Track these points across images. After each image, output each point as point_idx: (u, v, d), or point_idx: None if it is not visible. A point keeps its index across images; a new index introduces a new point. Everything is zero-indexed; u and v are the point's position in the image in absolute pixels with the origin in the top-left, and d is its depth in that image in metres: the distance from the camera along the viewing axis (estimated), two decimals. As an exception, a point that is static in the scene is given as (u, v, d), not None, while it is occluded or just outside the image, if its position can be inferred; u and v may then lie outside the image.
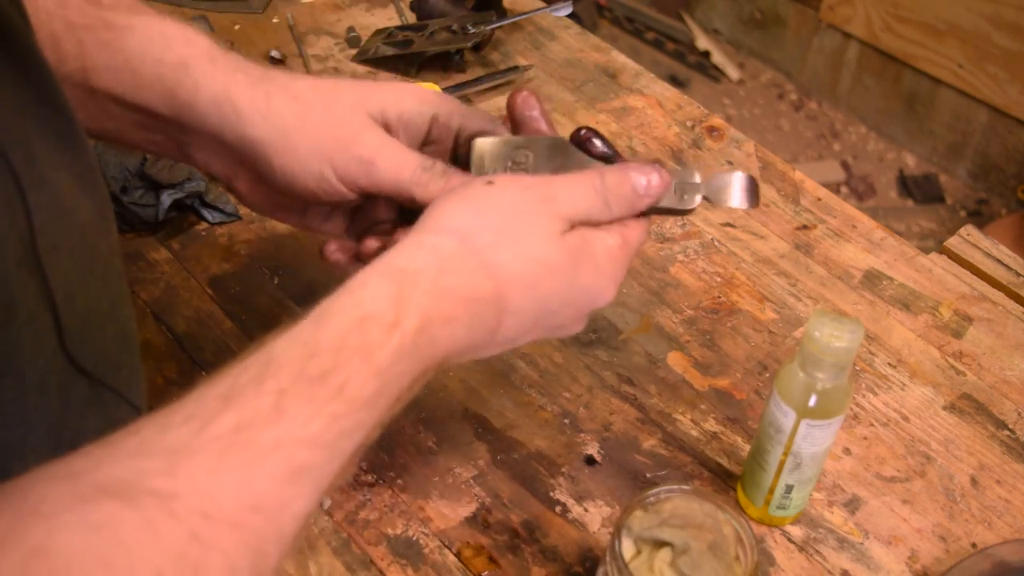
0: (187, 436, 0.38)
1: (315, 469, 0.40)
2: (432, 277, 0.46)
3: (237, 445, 0.38)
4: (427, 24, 1.03)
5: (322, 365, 0.41)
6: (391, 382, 0.43)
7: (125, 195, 0.81)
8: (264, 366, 0.41)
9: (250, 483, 0.37)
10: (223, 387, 0.40)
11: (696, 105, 1.01)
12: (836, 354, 0.56)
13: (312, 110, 0.54)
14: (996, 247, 0.87)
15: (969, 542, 0.67)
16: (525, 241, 0.49)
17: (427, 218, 0.49)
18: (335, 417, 0.41)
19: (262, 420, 0.39)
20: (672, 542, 0.54)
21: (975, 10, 2.15)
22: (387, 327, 0.43)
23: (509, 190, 0.50)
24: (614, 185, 0.52)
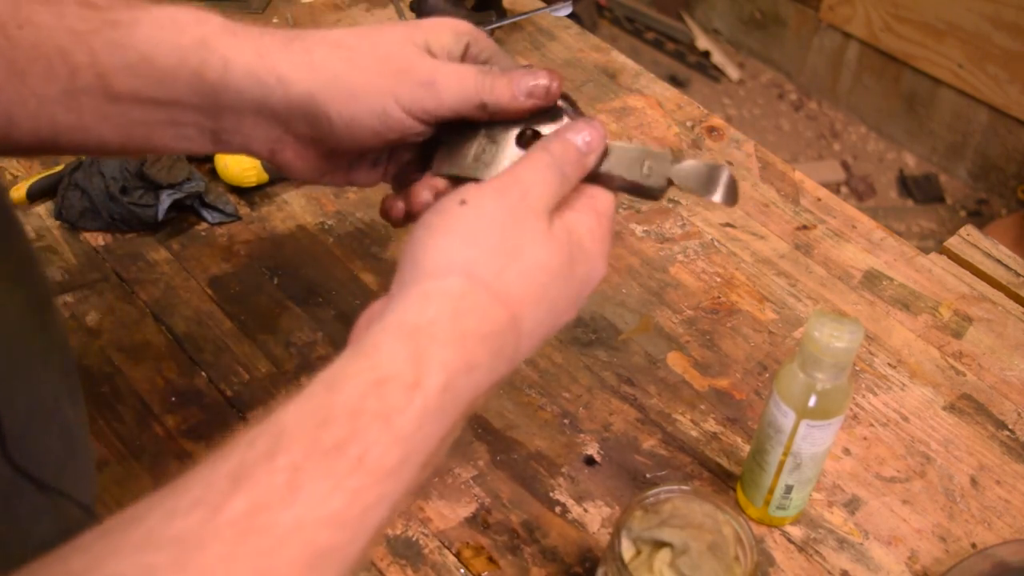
0: (196, 524, 0.35)
1: (338, 550, 0.37)
2: (448, 327, 0.43)
3: (252, 531, 0.35)
4: (427, 24, 1.03)
5: (337, 434, 0.38)
6: (417, 448, 0.40)
7: (125, 195, 0.81)
8: (275, 439, 0.38)
9: (269, 573, 0.35)
10: (231, 465, 0.37)
11: (696, 105, 1.01)
12: (836, 354, 0.56)
13: (358, 52, 0.53)
14: (996, 247, 0.87)
15: (969, 542, 0.67)
16: (524, 254, 0.47)
17: (416, 262, 0.46)
18: (357, 492, 0.37)
19: (277, 501, 0.36)
20: (672, 542, 0.54)
21: (975, 10, 2.15)
22: (407, 388, 0.40)
23: (487, 205, 0.48)
24: (560, 153, 0.51)
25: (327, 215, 0.86)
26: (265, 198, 0.87)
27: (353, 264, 0.82)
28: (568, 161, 0.51)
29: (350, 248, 0.83)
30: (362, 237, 0.84)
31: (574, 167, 0.52)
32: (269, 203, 0.87)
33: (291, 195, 0.88)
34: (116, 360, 0.74)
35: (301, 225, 0.85)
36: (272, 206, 0.87)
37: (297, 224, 0.85)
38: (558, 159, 0.51)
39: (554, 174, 0.50)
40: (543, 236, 0.48)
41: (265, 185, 0.88)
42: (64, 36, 0.50)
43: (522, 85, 0.54)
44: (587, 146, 0.52)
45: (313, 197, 0.88)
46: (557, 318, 0.49)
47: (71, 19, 0.50)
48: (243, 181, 0.86)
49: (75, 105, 0.50)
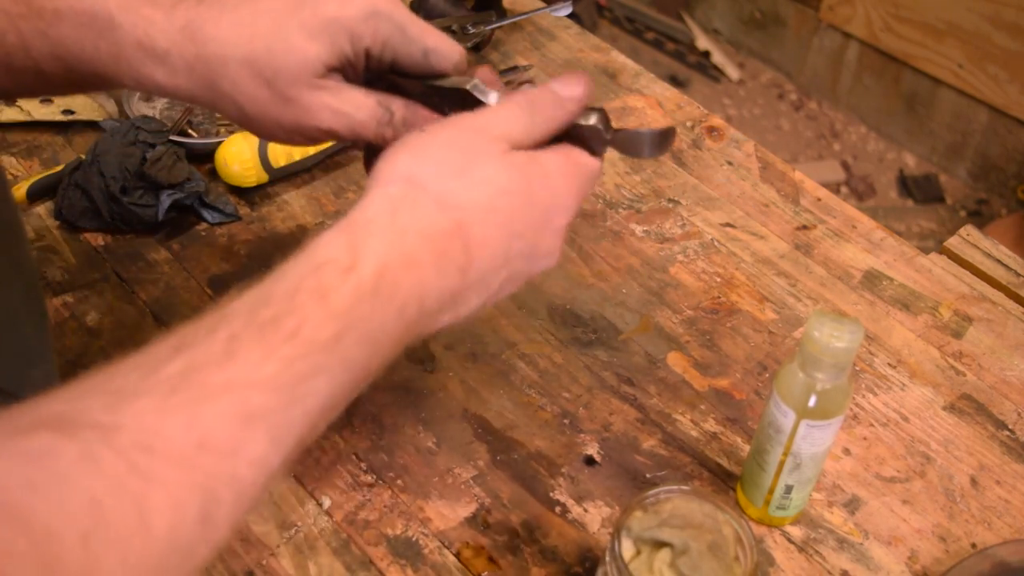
0: (134, 380, 0.37)
1: (272, 414, 0.38)
2: (385, 222, 0.45)
3: (184, 386, 0.37)
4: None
5: (275, 311, 0.40)
6: (353, 325, 0.42)
7: (125, 195, 0.81)
8: (218, 317, 0.40)
9: (197, 422, 0.36)
10: (175, 339, 0.39)
11: (696, 105, 1.01)
12: (836, 354, 0.56)
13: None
14: (996, 247, 0.87)
15: (969, 542, 0.67)
16: (471, 168, 0.48)
17: (372, 175, 0.49)
18: (290, 360, 0.39)
19: (212, 363, 0.38)
20: (672, 542, 0.54)
21: (975, 10, 2.15)
22: (343, 271, 0.42)
23: (444, 129, 0.49)
24: (536, 96, 0.52)
25: (327, 215, 0.86)
26: (265, 198, 0.87)
27: (353, 264, 0.82)
28: (543, 103, 0.52)
29: (350, 248, 0.83)
30: (362, 237, 0.84)
31: (550, 109, 0.52)
32: (269, 203, 0.87)
33: (291, 195, 0.88)
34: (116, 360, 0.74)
35: (301, 225, 0.85)
36: (272, 206, 0.87)
37: (297, 224, 0.85)
38: (532, 99, 0.51)
39: (523, 111, 0.51)
40: (497, 156, 0.49)
41: (265, 185, 0.88)
42: None
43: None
44: (568, 92, 0.52)
45: (313, 197, 0.88)
46: (515, 241, 0.49)
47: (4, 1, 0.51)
48: (243, 181, 0.86)
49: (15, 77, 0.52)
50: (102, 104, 0.94)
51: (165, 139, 0.84)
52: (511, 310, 0.79)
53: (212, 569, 0.61)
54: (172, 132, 0.86)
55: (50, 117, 0.91)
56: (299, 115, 0.54)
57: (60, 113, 0.91)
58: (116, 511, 0.33)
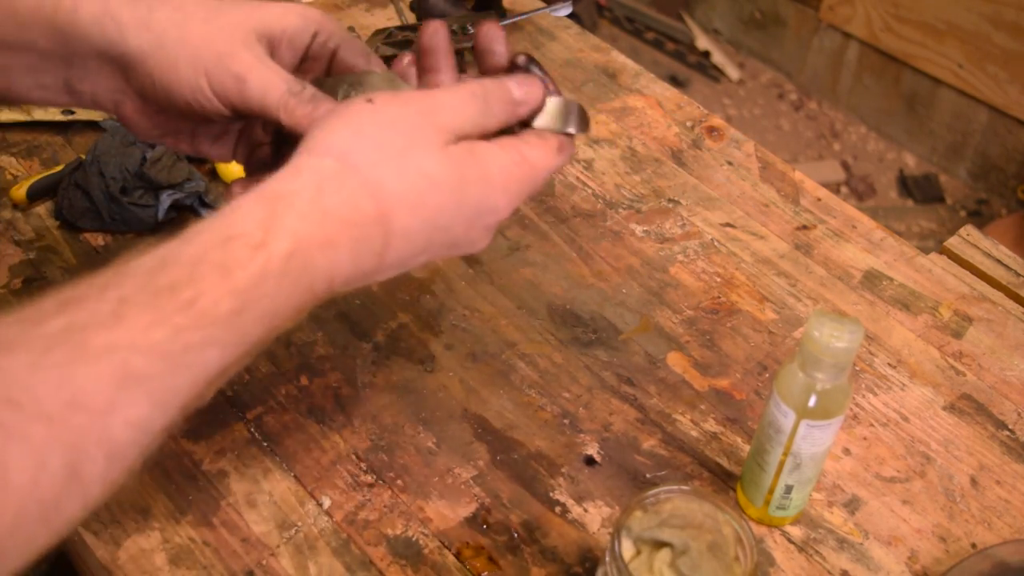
0: (12, 334, 0.36)
1: (154, 379, 0.38)
2: (308, 199, 0.44)
3: (63, 344, 0.36)
4: (427, 24, 1.03)
5: (173, 276, 0.40)
6: (255, 303, 0.41)
7: (125, 195, 0.81)
8: (113, 275, 0.39)
9: (70, 380, 0.36)
10: (65, 294, 0.39)
11: (696, 105, 1.01)
12: (836, 354, 0.56)
13: (193, 21, 0.53)
14: (996, 247, 0.87)
15: (969, 542, 0.67)
16: (408, 156, 0.47)
17: (307, 140, 0.48)
18: (180, 329, 0.39)
19: (97, 324, 0.37)
20: (672, 542, 0.54)
21: (975, 10, 2.15)
22: (252, 247, 0.42)
23: (390, 106, 0.48)
24: (493, 89, 0.51)
25: (327, 215, 0.86)
26: (265, 198, 0.87)
27: (353, 264, 0.82)
28: (496, 98, 0.51)
29: (350, 248, 0.83)
30: (362, 237, 0.84)
31: (501, 106, 0.51)
32: (269, 203, 0.87)
33: (291, 195, 0.88)
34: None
35: (301, 225, 0.85)
36: (272, 206, 0.87)
37: (297, 224, 0.85)
38: (486, 91, 0.51)
39: (475, 103, 0.50)
40: (435, 148, 0.48)
41: (265, 185, 0.88)
42: None
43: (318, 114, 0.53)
44: (522, 94, 0.52)
45: (313, 197, 0.87)
46: (438, 233, 0.49)
47: None
48: (243, 181, 0.86)
49: None
50: (102, 104, 0.94)
51: (165, 139, 0.84)
52: (511, 310, 0.79)
53: (212, 569, 0.61)
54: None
55: (50, 117, 0.91)
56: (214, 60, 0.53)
57: (60, 113, 0.91)
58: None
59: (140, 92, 0.55)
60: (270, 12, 0.56)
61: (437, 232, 0.49)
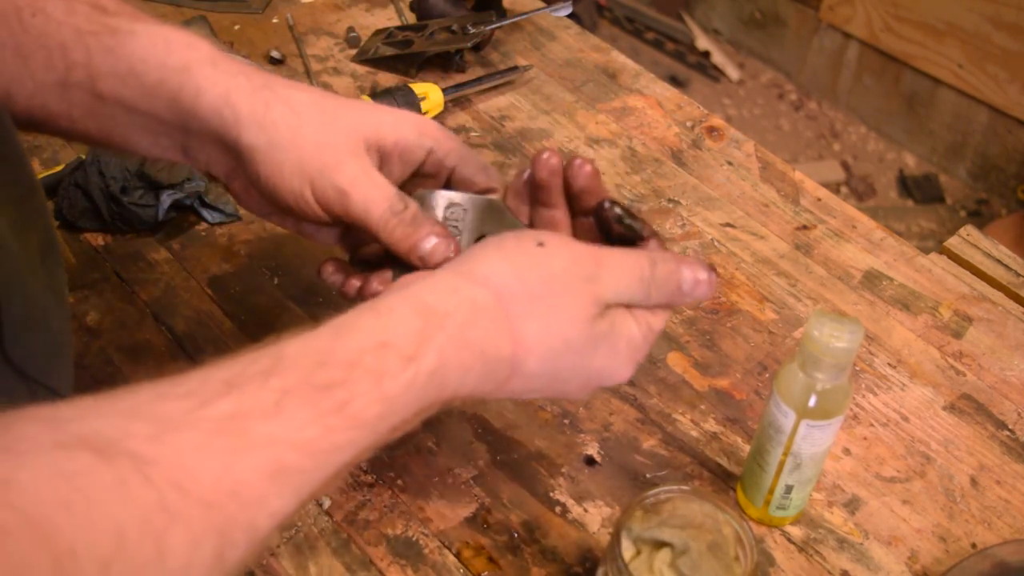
0: (181, 410, 0.37)
1: (300, 474, 0.40)
2: (459, 325, 0.46)
3: (229, 430, 0.38)
4: (427, 24, 1.03)
5: (331, 377, 0.41)
6: (395, 411, 0.44)
7: (125, 195, 0.81)
8: (274, 362, 0.41)
9: (232, 469, 0.37)
10: (229, 373, 0.40)
11: (696, 105, 1.01)
12: (836, 354, 0.56)
13: (306, 125, 0.54)
14: (996, 247, 0.87)
15: (969, 542, 0.67)
16: (556, 318, 0.49)
17: (469, 261, 0.50)
18: (332, 429, 0.41)
19: (259, 413, 0.39)
20: (672, 542, 0.54)
21: (975, 10, 2.15)
22: (404, 359, 0.44)
23: (558, 258, 0.50)
24: (662, 278, 0.52)
25: (327, 215, 0.86)
26: (265, 198, 0.87)
27: (353, 264, 0.82)
28: (663, 290, 0.53)
29: (350, 248, 0.83)
30: (362, 237, 0.84)
31: (662, 296, 0.53)
32: (269, 203, 0.87)
33: (291, 195, 0.88)
34: (116, 360, 0.74)
35: (301, 225, 0.85)
36: (272, 206, 0.87)
37: (297, 224, 0.85)
38: (654, 279, 0.52)
39: (639, 289, 0.52)
40: (583, 318, 0.50)
41: (265, 185, 0.88)
42: (68, 32, 0.52)
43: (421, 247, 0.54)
44: (691, 289, 0.53)
45: (313, 197, 0.87)
46: (555, 386, 0.52)
47: (79, 18, 0.53)
48: (243, 181, 0.86)
49: (66, 96, 0.54)
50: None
51: (165, 139, 0.84)
52: (511, 310, 0.79)
53: (212, 569, 0.61)
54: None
55: (50, 117, 0.91)
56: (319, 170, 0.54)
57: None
58: (137, 543, 0.34)
59: (249, 180, 0.57)
60: (384, 121, 0.56)
61: (555, 383, 0.51)
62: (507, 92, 1.00)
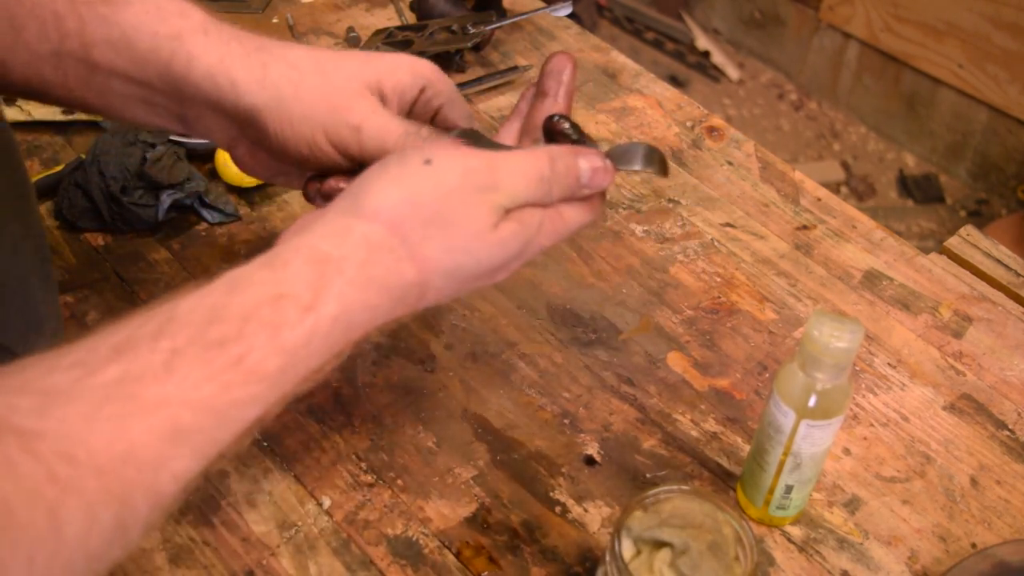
0: (69, 381, 0.37)
1: (200, 433, 0.39)
2: (356, 266, 0.46)
3: (118, 396, 0.37)
4: (427, 24, 1.03)
5: (224, 332, 0.41)
6: (298, 362, 0.43)
7: (125, 195, 0.81)
8: (164, 323, 0.40)
9: (124, 434, 0.37)
10: (117, 338, 0.39)
11: (696, 105, 1.01)
12: (836, 354, 0.56)
13: (307, 77, 0.55)
14: (996, 247, 0.87)
15: (969, 542, 0.67)
16: (457, 234, 0.48)
17: (359, 195, 0.49)
18: (228, 385, 0.40)
19: (150, 376, 0.38)
20: (672, 542, 0.54)
21: (975, 10, 2.15)
22: (302, 309, 0.43)
23: (449, 173, 0.49)
24: (562, 173, 0.52)
25: (327, 215, 0.86)
26: (265, 198, 0.87)
27: (353, 264, 0.82)
28: (562, 185, 0.52)
29: (350, 248, 0.83)
30: (362, 237, 0.84)
31: (562, 191, 0.52)
32: (269, 203, 0.87)
33: (291, 195, 0.88)
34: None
35: (301, 225, 0.85)
36: (272, 206, 0.87)
37: (297, 224, 0.85)
38: (554, 174, 0.52)
39: (539, 188, 0.51)
40: (484, 228, 0.49)
41: (265, 185, 0.88)
42: (62, 2, 0.53)
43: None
44: (589, 179, 0.53)
45: (313, 197, 0.88)
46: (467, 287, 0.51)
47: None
48: (243, 181, 0.86)
49: (61, 66, 0.54)
50: (102, 104, 0.94)
51: (165, 139, 0.84)
52: (511, 310, 0.79)
53: (212, 569, 0.61)
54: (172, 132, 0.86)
55: (50, 117, 0.91)
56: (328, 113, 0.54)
57: (60, 113, 0.91)
58: (27, 515, 0.33)
59: (254, 142, 0.57)
60: (381, 65, 0.57)
61: (467, 287, 0.51)
62: (507, 92, 1.00)
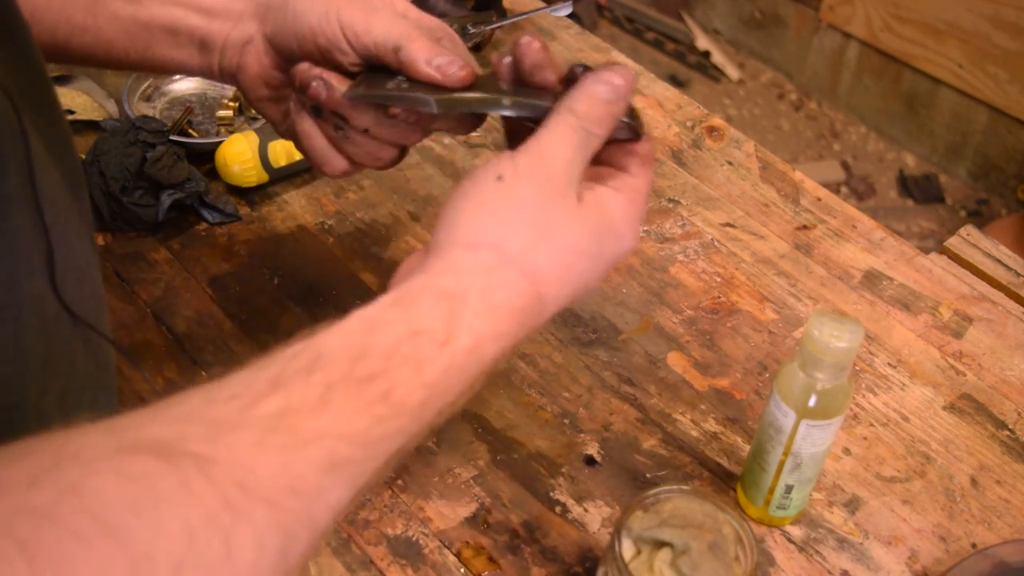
0: (232, 412, 0.38)
1: (353, 465, 0.40)
2: (480, 296, 0.47)
3: (280, 428, 0.38)
4: (427, 24, 1.03)
5: (371, 368, 0.42)
6: (439, 395, 0.44)
7: (125, 195, 0.81)
8: (313, 359, 0.42)
9: (289, 465, 0.38)
10: (272, 372, 0.40)
11: (696, 105, 1.01)
12: (836, 354, 0.56)
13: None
14: (996, 247, 0.87)
15: (969, 542, 0.67)
16: (553, 234, 0.50)
17: (452, 229, 0.50)
18: (379, 419, 0.41)
19: (308, 409, 0.39)
20: (672, 542, 0.54)
21: (975, 10, 2.15)
22: (439, 344, 0.45)
23: (519, 183, 0.50)
24: (585, 111, 0.51)
25: (327, 215, 0.86)
26: (265, 198, 0.87)
27: (353, 264, 0.82)
28: (594, 119, 0.52)
29: (350, 248, 0.83)
30: (362, 237, 0.84)
31: (601, 122, 0.52)
32: (269, 203, 0.87)
33: (291, 195, 0.88)
34: (116, 360, 0.74)
35: (301, 225, 0.85)
36: (272, 206, 0.87)
37: (297, 224, 0.85)
38: (582, 119, 0.51)
39: (579, 138, 0.51)
40: (573, 216, 0.50)
41: (265, 185, 0.88)
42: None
43: (437, 58, 0.55)
44: (614, 93, 0.52)
45: (313, 197, 0.88)
46: (580, 290, 0.52)
47: None
48: (243, 181, 0.86)
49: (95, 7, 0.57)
50: (102, 104, 0.94)
51: (165, 139, 0.84)
52: (511, 310, 0.79)
53: (212, 569, 0.61)
54: (172, 132, 0.86)
55: (50, 117, 0.91)
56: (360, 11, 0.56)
57: (60, 113, 0.91)
58: (207, 541, 0.34)
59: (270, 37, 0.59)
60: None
61: (580, 289, 0.52)
62: (507, 92, 1.00)
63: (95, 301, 0.53)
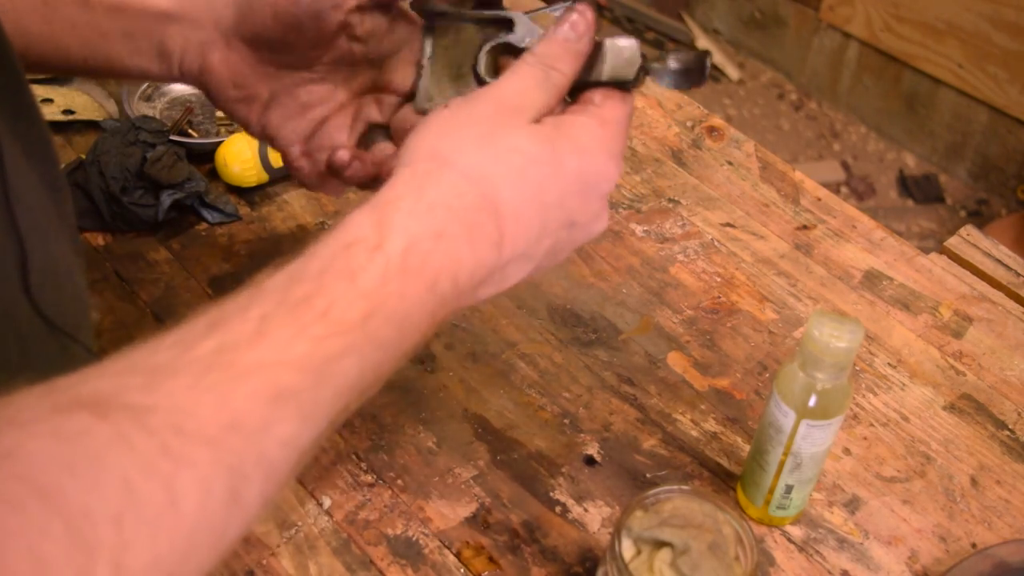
0: (170, 358, 0.38)
1: (301, 393, 0.39)
2: (412, 198, 0.45)
3: (217, 365, 0.37)
4: (427, 24, 1.03)
5: (305, 289, 0.41)
6: (383, 304, 0.42)
7: (125, 195, 0.81)
8: (252, 295, 0.41)
9: (227, 402, 0.37)
10: (211, 316, 0.40)
11: (696, 105, 1.01)
12: (836, 354, 0.56)
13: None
14: (996, 247, 0.87)
15: (969, 542, 0.67)
16: (496, 140, 0.48)
17: (400, 155, 0.49)
18: (319, 339, 0.40)
19: (244, 343, 0.38)
20: (672, 542, 0.54)
21: (975, 10, 2.15)
22: (370, 249, 0.43)
23: (465, 106, 0.49)
24: (543, 51, 0.51)
25: (327, 215, 0.86)
26: (265, 198, 0.87)
27: (353, 264, 0.82)
28: (552, 56, 0.51)
29: (350, 248, 0.83)
30: (362, 237, 0.84)
31: (560, 58, 0.51)
32: (269, 203, 0.87)
33: (291, 195, 0.88)
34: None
35: (301, 225, 0.85)
36: (272, 206, 0.87)
37: (297, 224, 0.85)
38: (541, 56, 0.51)
39: (537, 72, 0.50)
40: (520, 127, 0.48)
41: (265, 185, 0.88)
42: None
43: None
44: (571, 31, 0.51)
45: (313, 197, 0.88)
46: (551, 211, 0.49)
47: None
48: (243, 181, 0.86)
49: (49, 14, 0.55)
50: (102, 104, 0.94)
51: (165, 139, 0.84)
52: (511, 310, 0.79)
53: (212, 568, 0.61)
54: (172, 132, 0.86)
55: (50, 117, 0.91)
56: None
57: (60, 113, 0.91)
58: (147, 492, 0.33)
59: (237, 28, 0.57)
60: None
61: (550, 210, 0.49)
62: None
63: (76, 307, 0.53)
